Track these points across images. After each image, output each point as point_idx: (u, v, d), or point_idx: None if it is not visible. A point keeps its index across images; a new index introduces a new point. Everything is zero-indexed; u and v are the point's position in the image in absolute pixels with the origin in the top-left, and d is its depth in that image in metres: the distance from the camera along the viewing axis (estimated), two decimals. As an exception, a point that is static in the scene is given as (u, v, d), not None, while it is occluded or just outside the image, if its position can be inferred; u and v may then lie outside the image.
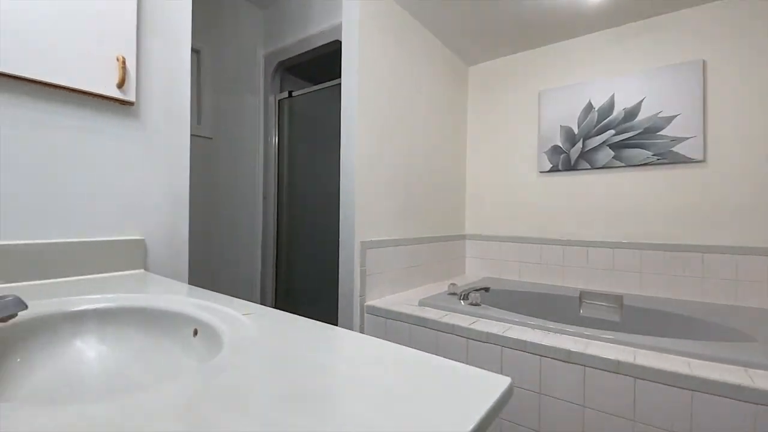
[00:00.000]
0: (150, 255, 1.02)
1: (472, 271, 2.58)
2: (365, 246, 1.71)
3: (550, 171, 2.26)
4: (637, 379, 1.06)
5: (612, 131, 2.05)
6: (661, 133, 1.91)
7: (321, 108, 2.15)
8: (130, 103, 0.95)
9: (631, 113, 1.99)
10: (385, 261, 1.83)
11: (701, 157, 1.81)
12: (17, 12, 0.76)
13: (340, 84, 1.87)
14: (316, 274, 2.17)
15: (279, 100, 2.33)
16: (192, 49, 1.75)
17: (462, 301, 1.65)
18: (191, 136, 1.95)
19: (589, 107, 2.12)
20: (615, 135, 2.04)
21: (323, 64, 2.32)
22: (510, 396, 0.37)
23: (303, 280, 2.25)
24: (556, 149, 2.23)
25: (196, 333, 0.59)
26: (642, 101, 1.96)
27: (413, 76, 2.04)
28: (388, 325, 1.62)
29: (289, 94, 2.29)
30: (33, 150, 0.82)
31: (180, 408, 0.32)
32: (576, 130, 2.16)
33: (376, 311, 1.67)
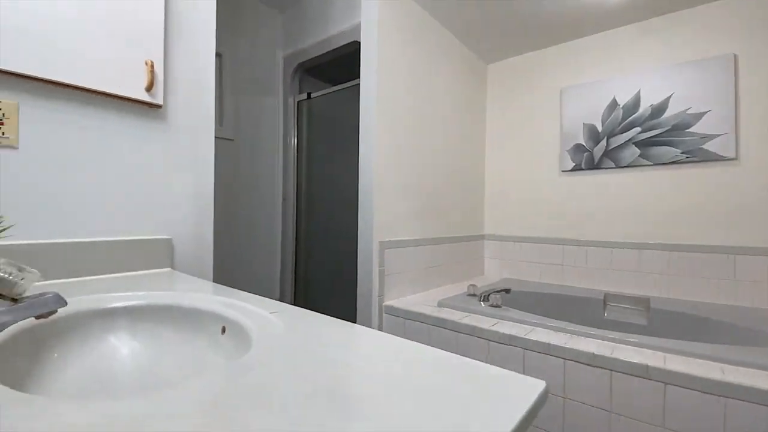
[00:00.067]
0: (176, 254, 1.04)
1: (492, 272, 2.54)
2: (384, 246, 1.71)
3: (573, 170, 2.21)
4: (668, 385, 1.02)
5: (638, 128, 1.98)
6: (690, 130, 1.84)
7: (339, 109, 2.17)
8: (158, 106, 0.97)
9: (658, 110, 1.93)
10: (404, 261, 1.83)
11: (733, 155, 1.74)
12: (56, 21, 0.79)
13: (358, 85, 1.87)
14: (334, 274, 2.18)
15: (298, 102, 2.36)
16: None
17: (482, 303, 1.63)
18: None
19: (614, 104, 2.06)
20: (641, 132, 1.97)
21: (341, 66, 2.33)
22: (545, 400, 0.36)
23: (321, 279, 2.27)
24: (578, 148, 2.18)
25: (224, 331, 0.60)
26: (670, 97, 1.89)
27: (432, 75, 2.03)
28: (407, 326, 1.61)
29: (308, 95, 2.31)
30: (67, 152, 0.85)
31: (210, 405, 0.32)
32: (600, 128, 2.11)
33: (394, 311, 1.66)
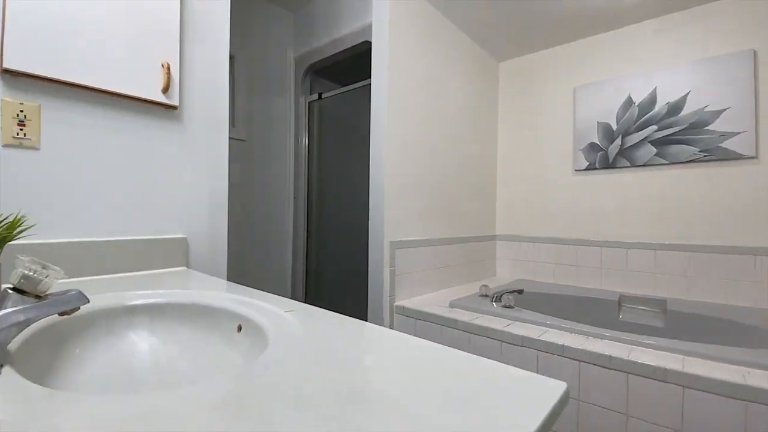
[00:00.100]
0: (191, 252, 1.06)
1: (504, 272, 2.52)
2: (394, 246, 1.71)
3: (587, 169, 2.18)
4: (686, 389, 1.00)
5: (654, 127, 1.95)
6: (708, 128, 1.80)
7: (350, 109, 2.17)
8: (173, 108, 0.99)
9: (675, 107, 1.89)
10: (415, 261, 1.82)
11: (753, 153, 1.70)
12: (75, 25, 0.81)
13: (369, 85, 1.87)
14: (345, 273, 2.19)
15: (309, 102, 2.37)
16: (227, 54, 1.81)
17: (494, 303, 1.62)
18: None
19: (629, 102, 2.02)
20: (657, 131, 1.94)
21: (352, 66, 2.34)
22: (566, 402, 0.35)
23: (332, 278, 2.27)
24: (593, 147, 2.15)
25: (240, 329, 0.60)
26: (687, 95, 1.85)
27: (443, 73, 2.02)
28: (418, 326, 1.61)
29: (319, 96, 2.32)
30: (86, 153, 0.86)
31: (232, 402, 0.33)
32: (614, 127, 2.07)
33: (405, 312, 1.66)
